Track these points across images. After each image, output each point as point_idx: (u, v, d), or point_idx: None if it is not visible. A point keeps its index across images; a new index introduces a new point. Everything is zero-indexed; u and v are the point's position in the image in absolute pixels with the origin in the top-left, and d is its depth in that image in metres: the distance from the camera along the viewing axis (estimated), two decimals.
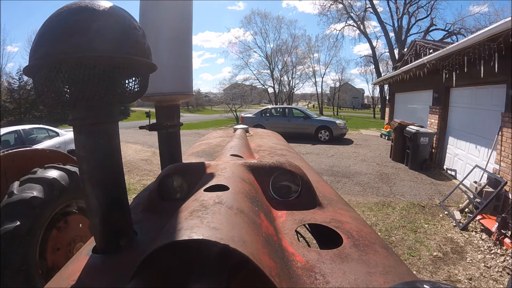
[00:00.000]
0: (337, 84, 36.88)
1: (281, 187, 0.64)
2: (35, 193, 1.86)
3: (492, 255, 3.20)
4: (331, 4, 28.87)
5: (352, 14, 28.76)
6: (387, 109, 13.44)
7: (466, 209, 4.31)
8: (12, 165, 2.15)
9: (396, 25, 26.61)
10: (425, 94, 7.99)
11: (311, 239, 1.01)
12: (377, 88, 29.30)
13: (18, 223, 1.71)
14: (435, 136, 6.96)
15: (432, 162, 7.04)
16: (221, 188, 0.50)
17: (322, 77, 35.08)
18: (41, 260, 1.89)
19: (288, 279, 0.37)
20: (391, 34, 27.03)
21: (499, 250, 3.25)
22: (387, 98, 14.21)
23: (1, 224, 1.71)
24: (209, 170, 0.64)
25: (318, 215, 0.59)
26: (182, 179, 0.63)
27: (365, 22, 28.87)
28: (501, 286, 2.74)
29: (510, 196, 4.04)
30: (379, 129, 14.85)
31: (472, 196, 4.34)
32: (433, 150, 7.23)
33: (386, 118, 13.21)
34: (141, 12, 0.81)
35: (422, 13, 26.37)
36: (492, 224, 3.57)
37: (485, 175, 4.61)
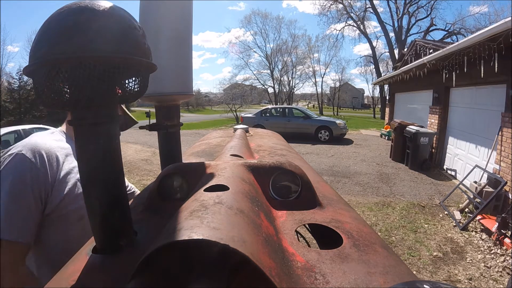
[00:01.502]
0: (337, 84, 36.91)
1: (281, 187, 0.64)
2: None
3: (492, 255, 3.20)
4: (331, 4, 28.91)
5: (352, 14, 28.80)
6: (387, 109, 13.44)
7: (466, 209, 4.31)
8: None
9: (396, 25, 26.63)
10: (425, 94, 8.00)
11: (311, 239, 1.01)
12: (377, 88, 29.33)
13: None
14: (435, 136, 6.96)
15: (432, 162, 7.04)
16: (221, 188, 0.50)
17: (322, 77, 35.14)
18: None
19: (288, 279, 0.37)
20: (391, 34, 27.05)
21: (499, 250, 3.25)
22: (387, 98, 14.20)
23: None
24: (209, 170, 0.64)
25: (318, 215, 0.59)
26: (182, 179, 0.63)
27: (365, 22, 28.92)
28: (501, 286, 2.74)
29: (510, 196, 4.04)
30: (379, 129, 14.85)
31: (472, 196, 4.34)
32: (433, 150, 7.23)
33: (386, 118, 13.21)
34: (141, 12, 0.81)
35: (422, 13, 26.41)
36: (492, 224, 3.57)
37: (485, 175, 4.61)
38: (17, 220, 0.80)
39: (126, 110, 1.22)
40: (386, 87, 18.00)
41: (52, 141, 0.93)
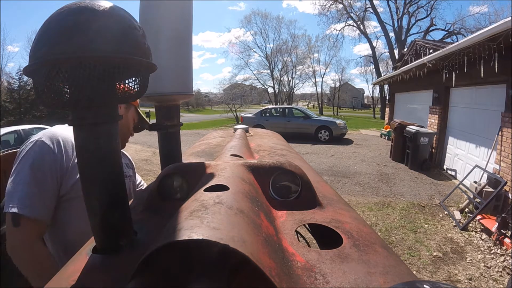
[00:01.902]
0: (337, 84, 36.92)
1: (281, 187, 0.64)
2: None
3: (492, 255, 3.20)
4: (331, 4, 28.93)
5: (352, 14, 28.81)
6: (387, 109, 13.44)
7: (466, 209, 4.31)
8: (12, 165, 2.15)
9: (396, 25, 26.64)
10: (425, 94, 8.00)
11: (311, 239, 1.01)
12: (377, 88, 29.33)
13: None
14: (435, 136, 6.96)
15: (432, 162, 7.04)
16: (221, 188, 0.50)
17: (322, 77, 35.15)
18: None
19: (288, 279, 0.37)
20: (391, 34, 27.06)
21: (499, 250, 3.25)
22: (387, 98, 14.20)
23: (1, 224, 1.71)
24: (209, 170, 0.64)
25: (318, 215, 0.59)
26: (182, 179, 0.63)
27: (365, 22, 28.94)
28: (501, 286, 2.74)
29: (510, 196, 4.04)
30: (379, 129, 14.85)
31: (472, 196, 4.34)
32: (433, 150, 7.23)
33: (386, 118, 13.20)
34: (141, 12, 0.81)
35: (422, 13, 26.42)
36: (492, 224, 3.57)
37: (485, 175, 4.61)
38: (37, 199, 0.88)
39: (142, 114, 1.26)
40: (386, 87, 17.99)
41: (69, 131, 1.01)
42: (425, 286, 0.26)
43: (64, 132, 0.99)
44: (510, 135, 4.24)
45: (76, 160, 0.91)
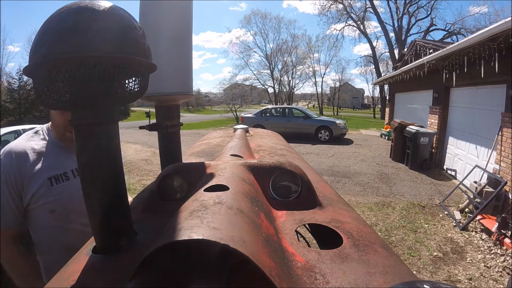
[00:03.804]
0: (337, 84, 36.90)
1: (281, 187, 0.64)
2: None
3: (492, 255, 3.20)
4: (331, 4, 28.88)
5: (352, 14, 28.78)
6: (387, 109, 13.44)
7: (466, 209, 4.30)
8: None
9: (396, 25, 26.62)
10: (425, 94, 7.99)
11: (311, 239, 1.01)
12: (377, 88, 29.30)
13: None
14: (435, 136, 6.95)
15: (432, 162, 7.03)
16: (221, 188, 0.50)
17: (322, 77, 35.12)
18: None
19: (288, 279, 0.37)
20: (391, 34, 27.03)
21: (499, 250, 3.25)
22: (387, 98, 14.20)
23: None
24: (209, 170, 0.64)
25: (318, 215, 0.59)
26: (182, 179, 0.63)
27: (365, 22, 28.89)
28: (501, 286, 2.74)
29: (510, 196, 4.03)
30: (379, 129, 14.85)
31: (472, 196, 4.34)
32: (433, 150, 7.23)
33: (386, 118, 13.20)
34: (141, 12, 0.81)
35: (422, 13, 26.39)
36: (492, 224, 3.57)
37: (485, 175, 4.61)
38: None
39: None
40: (386, 87, 17.98)
41: (27, 142, 1.05)
42: (425, 286, 0.26)
43: (20, 145, 1.02)
44: (510, 135, 4.24)
45: (32, 172, 0.99)
